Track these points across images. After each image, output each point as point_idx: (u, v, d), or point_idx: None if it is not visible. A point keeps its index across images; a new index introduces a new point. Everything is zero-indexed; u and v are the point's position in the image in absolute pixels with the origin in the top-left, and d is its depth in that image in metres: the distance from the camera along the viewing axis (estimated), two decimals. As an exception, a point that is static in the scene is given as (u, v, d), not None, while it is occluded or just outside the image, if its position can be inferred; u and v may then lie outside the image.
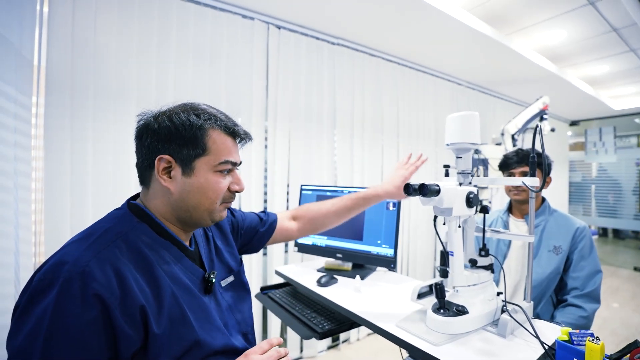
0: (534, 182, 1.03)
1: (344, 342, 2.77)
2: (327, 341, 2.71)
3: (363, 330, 2.89)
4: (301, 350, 2.54)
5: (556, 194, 5.77)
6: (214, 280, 0.79)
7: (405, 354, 1.01)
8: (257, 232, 1.09)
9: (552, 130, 3.24)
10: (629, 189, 5.86)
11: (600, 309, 1.41)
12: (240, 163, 0.83)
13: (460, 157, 1.11)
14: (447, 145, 1.11)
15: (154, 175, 0.73)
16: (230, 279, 0.89)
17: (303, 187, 1.76)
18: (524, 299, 1.10)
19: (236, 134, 0.79)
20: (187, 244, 0.81)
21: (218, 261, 0.89)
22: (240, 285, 0.91)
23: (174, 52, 1.98)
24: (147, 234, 0.72)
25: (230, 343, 0.75)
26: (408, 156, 1.27)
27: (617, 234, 7.00)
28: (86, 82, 1.70)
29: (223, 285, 0.86)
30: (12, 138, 1.35)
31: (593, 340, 0.77)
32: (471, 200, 1.00)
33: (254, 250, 1.12)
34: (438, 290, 1.01)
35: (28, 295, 0.57)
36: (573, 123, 6.30)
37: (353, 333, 2.81)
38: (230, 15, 2.18)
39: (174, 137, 0.72)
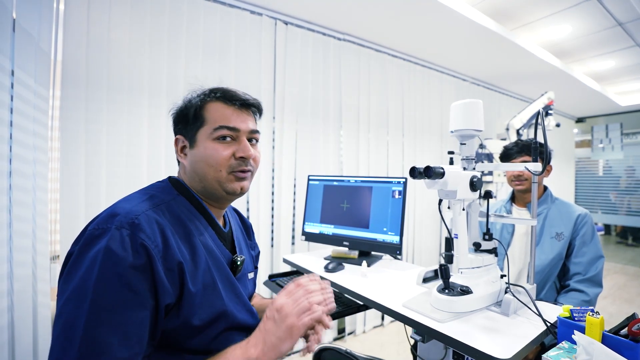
0: (536, 166, 1.06)
1: (349, 334, 2.80)
2: (333, 333, 2.75)
3: (369, 322, 2.92)
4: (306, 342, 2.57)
5: (562, 191, 5.75)
6: (239, 263, 0.82)
7: (410, 331, 1.04)
8: None
9: (558, 125, 3.25)
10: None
11: (607, 305, 1.44)
12: (256, 132, 0.83)
13: (464, 144, 1.14)
14: (452, 132, 1.14)
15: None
16: (252, 275, 0.94)
17: (310, 178, 1.80)
18: (527, 282, 1.13)
19: (232, 99, 0.79)
20: (220, 224, 0.84)
21: (248, 254, 0.93)
22: (254, 284, 0.97)
23: (184, 47, 2.03)
24: (186, 206, 0.77)
25: (251, 321, 0.80)
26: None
27: (625, 234, 6.82)
28: (100, 75, 1.75)
29: (249, 277, 0.91)
30: (31, 127, 1.40)
31: (593, 314, 0.80)
32: (475, 184, 1.03)
33: None
34: (443, 271, 1.04)
35: (82, 242, 0.62)
36: (579, 120, 6.27)
37: (359, 325, 2.84)
38: (239, 11, 2.22)
39: (181, 118, 0.81)
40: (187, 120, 0.79)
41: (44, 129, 1.50)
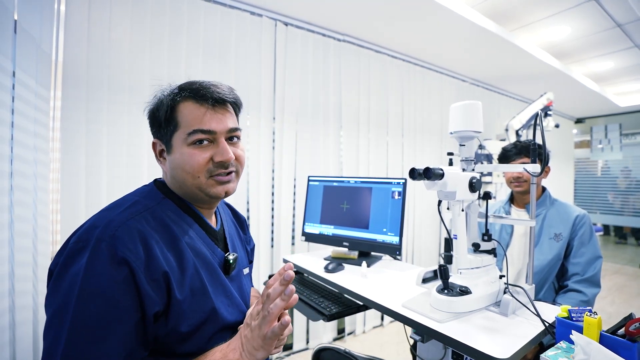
0: (535, 168, 1.07)
1: (349, 334, 2.81)
2: (333, 333, 2.75)
3: (369, 322, 2.93)
4: (307, 342, 2.58)
5: (561, 192, 5.75)
6: (231, 261, 0.80)
7: (410, 331, 1.05)
8: None
9: (557, 126, 3.26)
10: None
11: (606, 305, 1.44)
12: (235, 130, 0.77)
13: (464, 145, 1.15)
14: (451, 133, 1.14)
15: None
16: (247, 270, 0.92)
17: (310, 178, 1.80)
18: (526, 282, 1.13)
19: (204, 97, 0.72)
20: (211, 222, 0.82)
21: (242, 249, 0.92)
22: (250, 279, 0.96)
23: (185, 48, 2.03)
24: (172, 209, 0.74)
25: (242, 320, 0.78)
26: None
27: (624, 235, 6.79)
28: (101, 76, 1.76)
29: (245, 273, 0.89)
30: (32, 128, 1.41)
31: (591, 315, 0.81)
32: (474, 185, 1.04)
33: None
34: (442, 271, 1.05)
35: (64, 257, 0.61)
36: (578, 120, 6.28)
37: (359, 325, 2.85)
38: (239, 12, 2.23)
39: (154, 121, 0.76)
40: (160, 124, 0.74)
41: (45, 130, 1.50)
